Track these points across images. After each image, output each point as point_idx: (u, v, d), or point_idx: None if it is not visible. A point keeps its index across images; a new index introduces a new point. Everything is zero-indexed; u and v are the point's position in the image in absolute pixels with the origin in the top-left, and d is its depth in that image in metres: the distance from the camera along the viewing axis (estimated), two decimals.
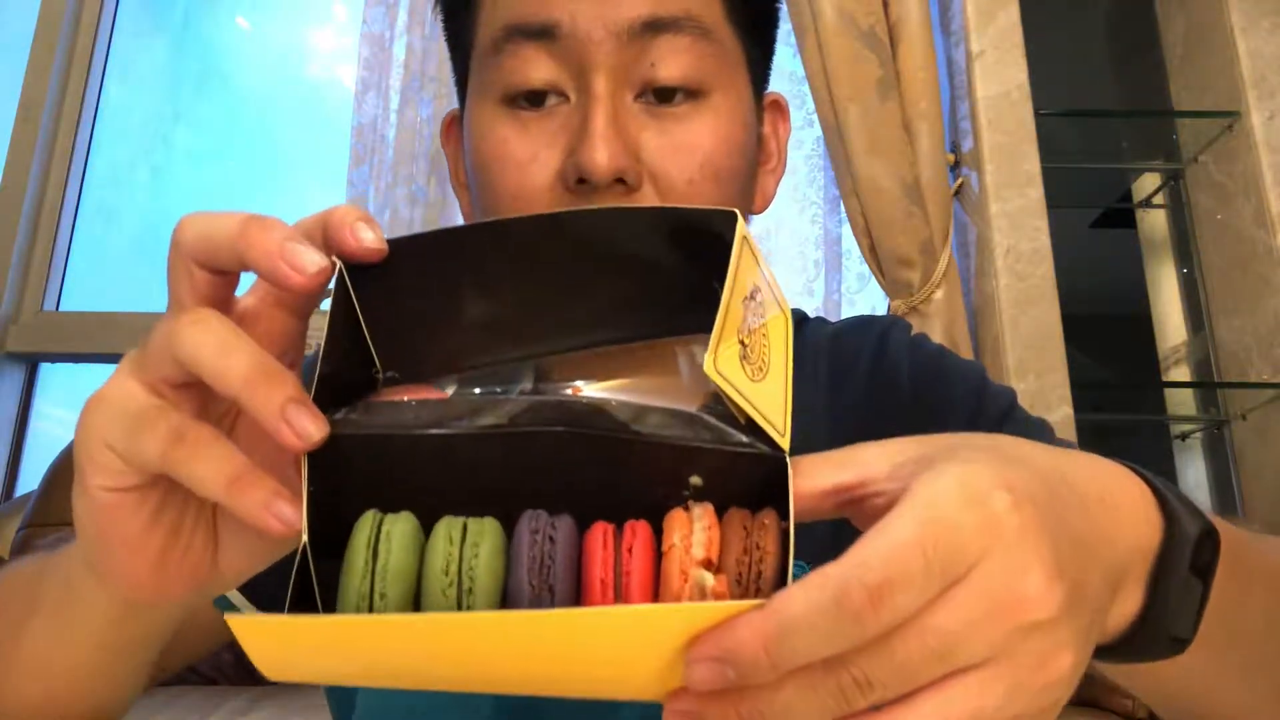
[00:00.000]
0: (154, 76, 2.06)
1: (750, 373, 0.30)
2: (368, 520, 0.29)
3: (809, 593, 0.24)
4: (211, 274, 0.33)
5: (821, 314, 1.56)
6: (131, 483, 0.32)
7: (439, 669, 0.28)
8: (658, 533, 0.29)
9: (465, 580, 0.28)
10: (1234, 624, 0.38)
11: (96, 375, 1.87)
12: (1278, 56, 1.69)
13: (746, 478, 0.30)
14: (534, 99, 0.54)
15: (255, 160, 2.04)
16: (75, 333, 1.80)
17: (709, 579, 0.28)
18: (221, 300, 0.33)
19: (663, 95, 0.54)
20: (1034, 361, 1.53)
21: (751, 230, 0.61)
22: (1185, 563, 0.32)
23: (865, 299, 1.67)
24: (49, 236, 1.85)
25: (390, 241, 0.31)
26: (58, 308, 1.86)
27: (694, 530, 0.28)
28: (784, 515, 0.28)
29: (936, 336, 1.51)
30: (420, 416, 0.30)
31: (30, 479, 1.81)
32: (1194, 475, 1.81)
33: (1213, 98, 1.76)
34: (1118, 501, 0.32)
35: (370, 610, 0.28)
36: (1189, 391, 1.86)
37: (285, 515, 0.29)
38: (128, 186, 1.99)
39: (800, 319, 0.71)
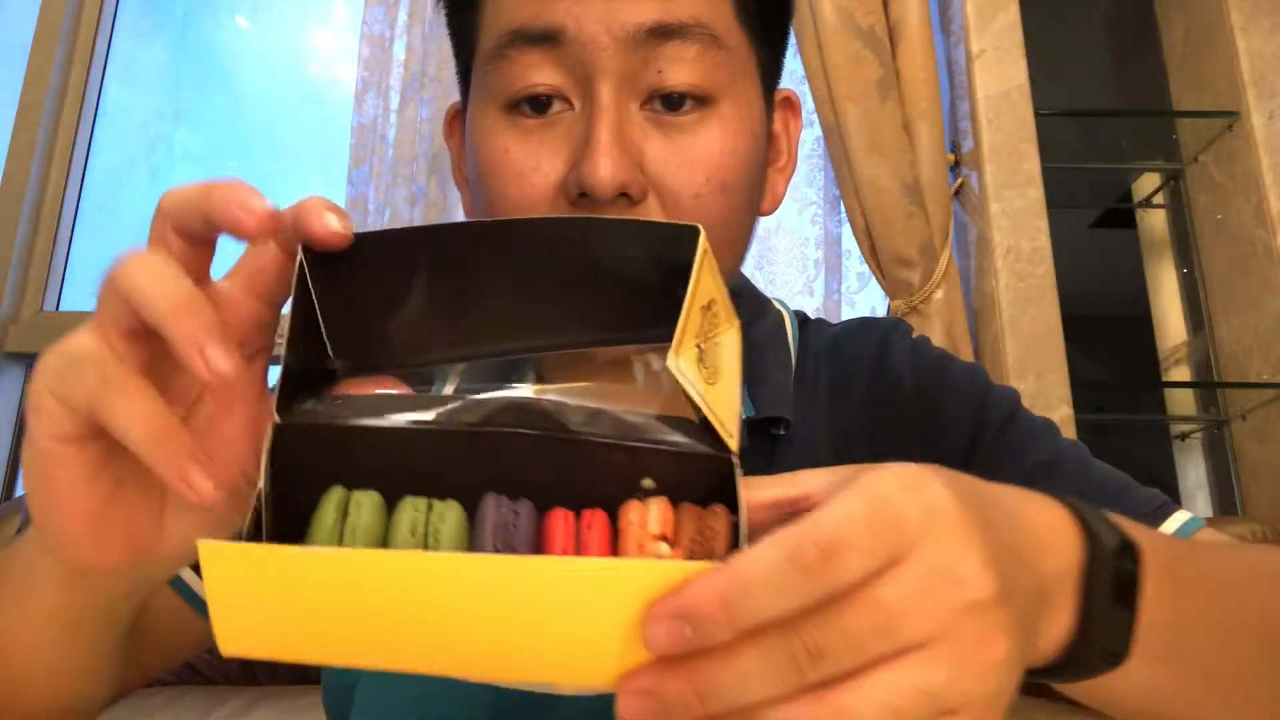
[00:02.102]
0: (154, 76, 2.05)
1: (705, 375, 0.31)
2: (335, 491, 0.31)
3: (763, 550, 0.26)
4: (186, 242, 0.34)
5: (821, 314, 1.56)
6: (71, 430, 0.32)
7: (400, 635, 0.28)
8: (614, 529, 0.31)
9: (431, 541, 0.29)
10: (1184, 635, 0.38)
11: None
12: (1278, 56, 1.69)
13: (696, 480, 0.31)
14: (537, 105, 0.53)
15: (255, 160, 2.04)
16: None
17: (665, 549, 0.29)
18: (196, 271, 0.34)
19: (670, 103, 0.52)
20: (1034, 361, 1.53)
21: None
22: (1109, 575, 0.34)
23: (865, 299, 1.67)
24: (49, 236, 1.84)
25: (361, 234, 0.32)
26: (58, 308, 1.86)
27: (650, 511, 0.30)
28: (734, 511, 0.30)
29: (936, 336, 1.51)
30: (383, 409, 0.32)
31: None
32: (1194, 475, 1.81)
33: (1213, 98, 1.76)
34: (1041, 521, 0.34)
35: None
36: (1189, 391, 1.87)
37: (197, 484, 0.30)
38: (128, 186, 1.99)
39: (802, 321, 0.70)
